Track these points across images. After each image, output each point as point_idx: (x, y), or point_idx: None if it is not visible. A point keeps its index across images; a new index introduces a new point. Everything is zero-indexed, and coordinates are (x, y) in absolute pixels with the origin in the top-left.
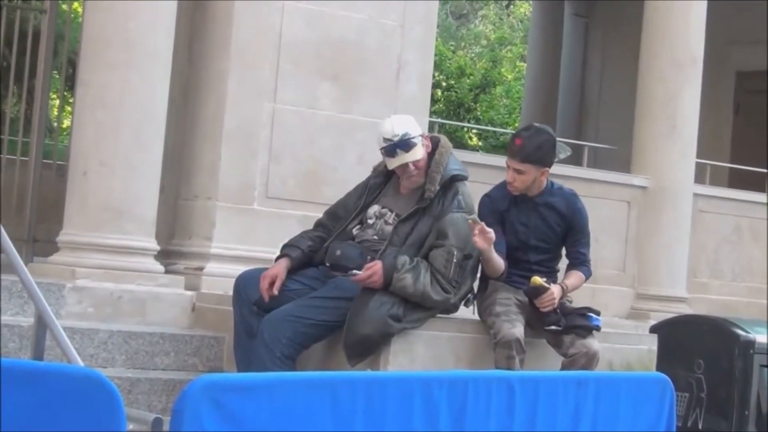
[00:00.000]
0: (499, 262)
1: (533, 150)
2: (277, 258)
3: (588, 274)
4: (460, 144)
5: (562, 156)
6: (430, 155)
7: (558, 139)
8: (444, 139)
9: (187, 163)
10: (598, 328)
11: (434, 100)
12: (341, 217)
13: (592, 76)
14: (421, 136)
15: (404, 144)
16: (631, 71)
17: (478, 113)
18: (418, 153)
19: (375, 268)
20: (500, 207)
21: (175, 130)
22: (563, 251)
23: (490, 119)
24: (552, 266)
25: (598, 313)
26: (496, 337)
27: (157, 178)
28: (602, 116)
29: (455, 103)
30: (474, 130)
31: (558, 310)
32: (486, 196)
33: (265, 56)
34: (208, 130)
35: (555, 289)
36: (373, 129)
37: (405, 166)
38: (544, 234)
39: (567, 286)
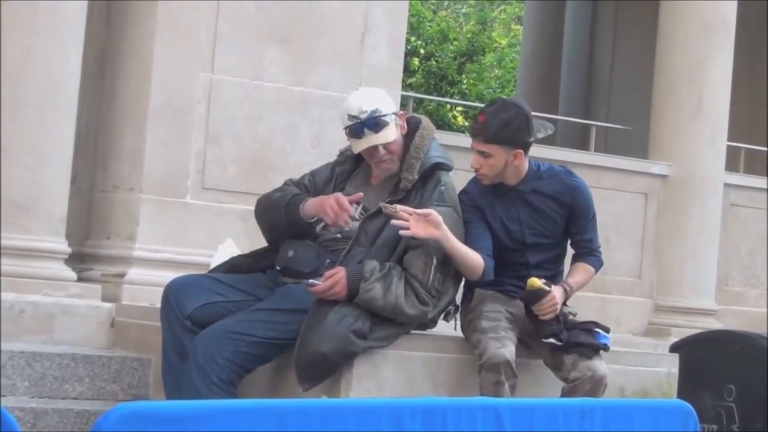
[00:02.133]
0: (474, 258)
1: (499, 127)
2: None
3: (598, 266)
4: (443, 124)
5: (541, 135)
6: (408, 138)
7: (542, 115)
8: (426, 121)
9: (105, 148)
10: (606, 348)
11: (410, 71)
12: (309, 193)
13: (602, 42)
14: (395, 114)
15: (374, 123)
16: (650, 37)
17: (464, 87)
18: (391, 134)
19: (337, 277)
20: (480, 202)
21: (90, 107)
22: (568, 246)
23: (478, 94)
24: (556, 268)
25: (606, 330)
26: (482, 358)
27: (67, 165)
28: (614, 91)
29: (436, 75)
30: (459, 108)
31: (560, 319)
32: (462, 193)
33: (200, 16)
34: (130, 107)
35: (557, 293)
36: (332, 105)
37: (374, 149)
38: (542, 228)
39: (571, 286)
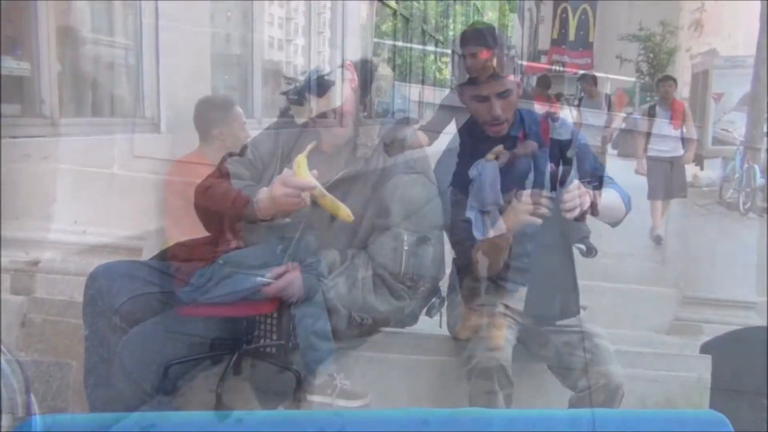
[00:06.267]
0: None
1: (506, 56)
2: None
3: (628, 205)
4: (425, 78)
5: None
6: (362, 90)
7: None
8: (381, 66)
9: None
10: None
11: (383, 14)
12: (256, 170)
13: None
14: (342, 66)
15: (316, 84)
16: None
17: (451, 33)
18: (339, 96)
19: (290, 277)
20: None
21: None
22: None
23: None
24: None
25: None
26: (471, 362)
27: None
28: None
29: (417, 18)
30: (444, 58)
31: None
32: (442, 166)
33: None
34: None
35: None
36: None
37: (320, 116)
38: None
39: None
